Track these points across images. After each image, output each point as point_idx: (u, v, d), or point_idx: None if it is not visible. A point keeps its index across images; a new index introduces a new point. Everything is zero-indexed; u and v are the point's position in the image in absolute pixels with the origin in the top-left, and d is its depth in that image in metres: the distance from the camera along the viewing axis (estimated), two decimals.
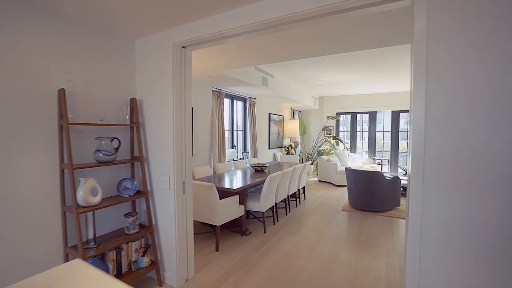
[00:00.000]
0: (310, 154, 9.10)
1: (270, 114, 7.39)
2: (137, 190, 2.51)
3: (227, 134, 6.22)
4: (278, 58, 3.36)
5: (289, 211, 4.71)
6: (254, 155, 6.43)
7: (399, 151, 8.64)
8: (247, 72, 4.69)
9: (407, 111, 8.42)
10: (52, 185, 1.96)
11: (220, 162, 5.13)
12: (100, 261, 2.18)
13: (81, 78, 2.13)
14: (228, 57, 3.33)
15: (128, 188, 2.40)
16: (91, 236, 2.07)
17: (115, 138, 2.27)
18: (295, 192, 5.06)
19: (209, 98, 4.96)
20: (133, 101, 2.49)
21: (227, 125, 6.08)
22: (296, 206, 5.05)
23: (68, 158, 1.87)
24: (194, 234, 3.54)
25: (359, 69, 5.59)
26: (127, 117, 2.45)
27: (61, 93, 1.91)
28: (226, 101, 6.01)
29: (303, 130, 9.08)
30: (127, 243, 2.33)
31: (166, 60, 2.35)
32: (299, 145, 9.64)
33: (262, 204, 3.68)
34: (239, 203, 3.60)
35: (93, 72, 2.22)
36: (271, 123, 7.48)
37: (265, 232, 3.74)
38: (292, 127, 8.51)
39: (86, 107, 2.18)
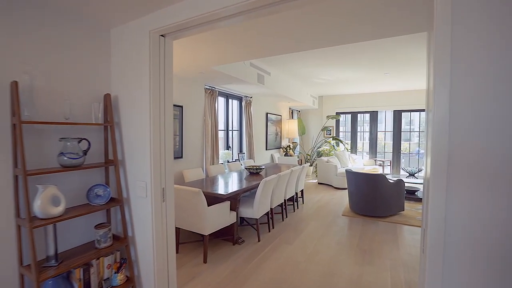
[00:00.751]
0: (309, 155, 8.82)
1: (267, 113, 7.11)
2: (111, 198, 2.23)
3: (221, 134, 5.94)
4: (271, 51, 3.08)
5: (286, 217, 4.43)
6: (250, 156, 6.15)
7: (401, 152, 8.36)
8: (241, 69, 4.41)
9: (410, 110, 8.15)
10: (4, 194, 1.68)
11: (213, 164, 4.84)
12: (64, 280, 1.89)
13: (43, 70, 1.85)
14: (217, 51, 3.05)
15: (100, 196, 2.12)
16: (51, 252, 1.78)
17: (84, 139, 1.99)
18: (293, 196, 4.78)
19: (201, 97, 4.68)
20: (107, 97, 2.21)
21: (221, 125, 5.80)
22: (294, 211, 4.76)
23: (21, 163, 1.59)
24: (180, 243, 3.26)
25: (360, 66, 5.31)
26: (100, 115, 2.16)
27: (13, 86, 1.63)
28: (221, 100, 5.73)
29: (302, 130, 8.80)
30: (97, 259, 2.05)
31: (142, 51, 2.07)
32: (298, 146, 9.35)
33: (255, 210, 3.40)
34: (231, 210, 3.32)
35: (59, 64, 1.94)
36: (268, 123, 7.20)
37: (259, 241, 3.46)
38: (290, 127, 8.23)
39: (48, 104, 1.89)
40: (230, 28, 2.53)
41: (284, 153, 7.91)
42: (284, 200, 4.36)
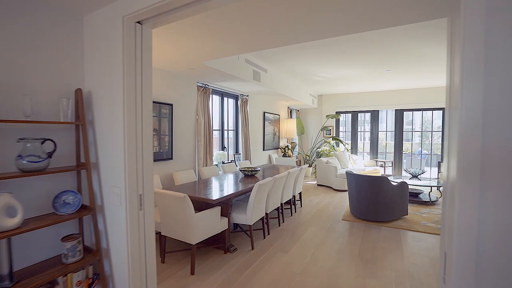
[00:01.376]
0: (308, 155, 8.57)
1: (264, 112, 6.87)
2: (83, 206, 1.99)
3: (216, 134, 5.70)
4: (265, 43, 2.83)
5: (283, 221, 4.19)
6: (246, 157, 5.90)
7: (403, 152, 8.12)
8: (235, 65, 4.17)
9: (411, 109, 7.90)
10: None
11: (206, 166, 4.60)
12: None
13: (2, 61, 1.61)
14: (205, 45, 2.81)
15: (69, 204, 1.88)
16: (5, 271, 1.54)
17: (48, 139, 1.75)
18: (290, 199, 4.54)
19: (194, 95, 4.44)
20: (78, 93, 1.97)
21: (216, 125, 5.56)
22: (291, 215, 4.52)
23: None
24: (167, 253, 3.02)
25: (361, 63, 5.07)
26: (70, 112, 1.92)
27: None
28: (216, 99, 5.49)
29: (301, 130, 8.56)
30: (64, 275, 1.81)
31: (115, 40, 1.83)
32: (297, 146, 9.11)
33: (249, 216, 3.15)
34: (222, 215, 3.08)
35: (22, 54, 1.70)
36: (266, 123, 6.95)
37: (252, 249, 3.21)
38: (289, 127, 7.99)
39: (7, 99, 1.65)
40: (217, 21, 2.29)
41: (282, 153, 7.67)
42: (281, 203, 4.12)
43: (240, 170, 4.22)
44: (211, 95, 5.09)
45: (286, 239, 3.51)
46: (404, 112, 8.04)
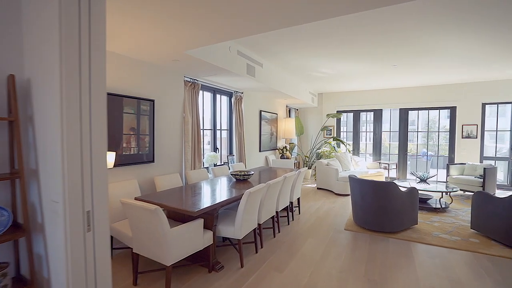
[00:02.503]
0: (307, 157, 8.14)
1: (261, 111, 6.43)
2: (17, 224, 1.56)
3: (207, 134, 5.27)
4: (252, 28, 2.39)
5: (278, 231, 3.75)
6: (240, 159, 5.47)
7: (408, 153, 7.68)
8: (226, 57, 3.74)
9: (417, 108, 7.46)
10: None
11: (194, 169, 4.17)
12: None
13: None
14: (183, 31, 2.37)
15: None
16: None
17: None
18: (287, 206, 4.10)
19: (180, 90, 4.00)
20: (10, 80, 1.54)
21: (207, 124, 5.13)
22: (288, 224, 4.08)
23: None
24: (139, 273, 2.57)
25: (365, 57, 4.63)
26: None
27: None
28: (207, 95, 5.06)
29: (300, 130, 8.12)
30: None
31: (52, 9, 1.40)
32: (296, 147, 8.68)
33: (237, 229, 2.72)
34: (206, 228, 2.64)
35: None
36: (262, 122, 6.52)
37: (242, 266, 2.78)
38: (287, 127, 7.55)
39: None
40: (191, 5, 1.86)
41: (280, 155, 7.23)
42: (276, 212, 3.69)
43: (231, 175, 3.79)
44: (201, 91, 4.67)
45: (282, 254, 3.07)
46: (409, 111, 7.60)
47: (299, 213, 4.61)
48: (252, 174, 3.83)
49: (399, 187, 3.65)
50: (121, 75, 3.10)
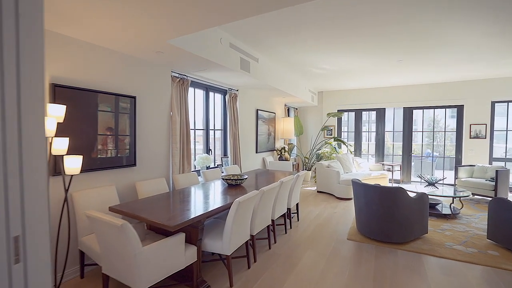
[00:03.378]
0: (307, 158, 7.79)
1: (258, 110, 6.08)
2: None
3: (200, 134, 4.93)
4: (241, 10, 2.04)
5: (275, 242, 3.40)
6: (235, 161, 5.12)
7: (412, 154, 7.33)
8: (216, 50, 3.39)
9: (422, 107, 7.11)
10: None
11: (182, 173, 3.82)
12: None
13: None
14: (167, 14, 2.02)
15: None
16: None
17: None
18: (285, 213, 3.75)
19: (166, 86, 3.65)
20: None
21: (200, 124, 4.78)
22: (285, 232, 3.73)
23: None
24: None
25: (368, 51, 4.29)
26: None
27: None
28: (199, 93, 4.71)
29: (300, 130, 7.78)
30: None
31: None
32: (295, 148, 8.33)
33: (225, 244, 2.37)
34: (189, 243, 2.29)
35: None
36: (259, 122, 6.17)
37: (231, 286, 2.43)
38: (286, 127, 7.20)
39: None
40: None
41: (278, 156, 6.88)
42: (272, 220, 3.34)
43: (223, 179, 3.44)
44: (192, 89, 4.32)
45: (277, 270, 2.72)
46: (414, 110, 7.25)
47: (298, 220, 4.26)
48: (246, 178, 3.48)
49: (408, 192, 3.30)
50: (96, 68, 2.75)
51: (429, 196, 4.75)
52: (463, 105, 6.60)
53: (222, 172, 4.64)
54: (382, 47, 4.09)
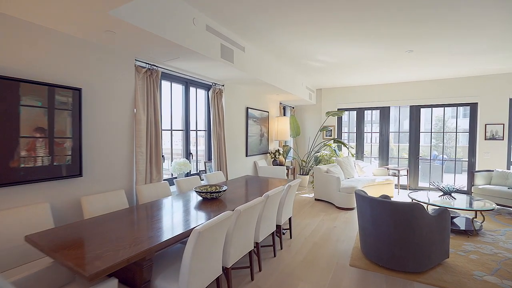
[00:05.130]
0: (304, 161, 7.13)
1: (248, 108, 5.43)
2: None
3: (178, 136, 4.28)
4: None
5: (260, 270, 2.74)
6: (219, 166, 4.46)
7: (420, 157, 6.67)
8: (186, 32, 2.75)
9: (431, 106, 6.45)
10: None
11: (150, 182, 3.16)
12: None
13: None
14: None
15: None
16: None
17: None
18: (273, 232, 3.09)
19: (128, 78, 3.00)
20: None
21: (178, 124, 4.13)
22: (274, 255, 3.07)
23: None
24: None
25: (373, 40, 3.64)
26: None
27: None
28: (177, 88, 4.06)
29: (296, 131, 7.12)
30: None
31: None
32: (291, 150, 7.67)
33: (183, 285, 1.71)
34: (132, 287, 1.64)
35: None
36: (249, 121, 5.51)
37: None
38: (280, 127, 6.54)
39: None
40: None
41: (272, 159, 6.22)
42: (256, 243, 2.68)
43: (196, 191, 2.78)
44: (168, 82, 3.67)
45: None
46: (422, 109, 6.59)
47: (291, 237, 3.60)
48: (225, 190, 2.82)
49: (425, 208, 2.63)
50: (21, 51, 2.10)
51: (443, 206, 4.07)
52: (477, 102, 5.95)
53: (202, 180, 3.98)
54: (390, 34, 3.44)
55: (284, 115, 7.45)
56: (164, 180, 3.67)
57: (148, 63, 3.20)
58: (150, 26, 2.33)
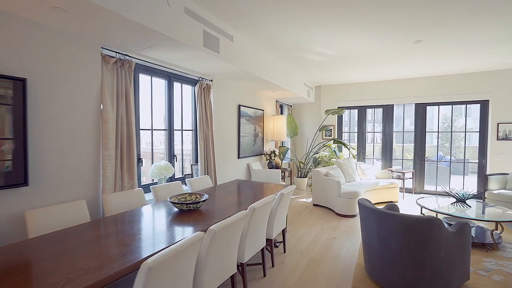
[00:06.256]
0: (302, 163, 6.70)
1: (240, 106, 4.99)
2: None
3: (161, 136, 3.87)
4: None
5: None
6: (207, 170, 4.03)
7: (426, 158, 6.24)
8: (159, 13, 2.33)
9: (438, 103, 6.02)
10: None
11: (121, 190, 2.73)
12: None
13: None
14: None
15: None
16: None
17: None
18: (264, 247, 2.66)
19: (93, 69, 2.57)
20: None
21: (160, 123, 3.71)
22: (264, 275, 2.64)
23: None
24: None
25: (377, 28, 3.20)
26: None
27: None
28: (159, 83, 3.64)
29: (294, 131, 6.69)
30: None
31: None
32: (289, 152, 7.25)
33: None
34: None
35: None
36: (242, 120, 5.08)
37: None
38: (277, 126, 6.12)
39: None
40: None
41: (268, 161, 5.79)
42: (241, 264, 2.25)
43: (170, 202, 2.35)
44: (148, 76, 3.24)
45: None
46: (427, 107, 6.15)
47: (284, 251, 3.17)
48: (204, 200, 2.39)
49: (445, 224, 2.20)
50: None
51: (458, 216, 3.63)
52: (488, 100, 5.52)
53: (186, 185, 3.56)
54: (396, 22, 3.00)
55: (281, 113, 7.03)
56: (143, 186, 3.25)
57: (118, 52, 2.76)
58: (110, 3, 1.91)
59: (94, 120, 2.57)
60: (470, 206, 3.47)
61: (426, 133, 6.19)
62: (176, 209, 2.42)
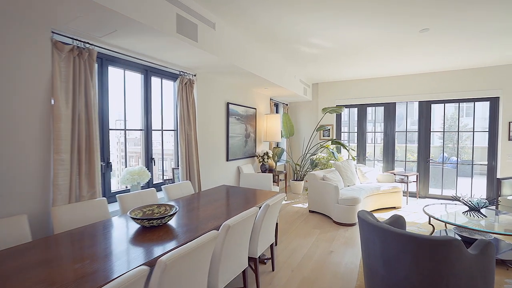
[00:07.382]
0: (299, 165, 6.28)
1: (228, 104, 4.58)
2: None
3: (136, 137, 3.47)
4: None
5: None
6: (189, 175, 3.62)
7: (431, 160, 5.82)
8: None
9: (443, 101, 5.61)
10: None
11: (78, 201, 2.32)
12: None
13: None
14: None
15: None
16: None
17: None
18: (246, 268, 2.25)
19: (43, 58, 2.16)
20: None
21: (137, 123, 3.31)
22: None
23: None
24: None
25: (379, 15, 2.79)
26: None
27: None
28: (134, 77, 3.23)
29: (290, 131, 6.28)
30: None
31: None
32: (285, 153, 6.83)
33: None
34: None
35: None
36: (231, 119, 4.66)
37: None
38: (270, 126, 5.70)
39: None
40: None
41: (261, 163, 5.37)
42: None
43: (131, 217, 1.93)
44: (121, 70, 2.82)
45: None
46: (432, 104, 5.74)
47: (273, 269, 2.75)
48: (172, 214, 1.98)
49: (466, 246, 1.79)
50: None
51: (477, 230, 3.20)
52: (498, 97, 5.11)
53: (160, 191, 3.15)
54: (400, 7, 2.60)
55: (276, 112, 6.62)
56: (112, 194, 2.84)
57: (75, 39, 2.35)
58: None
59: (42, 117, 2.16)
60: (486, 216, 3.05)
61: (431, 132, 5.77)
62: (139, 227, 2.01)
